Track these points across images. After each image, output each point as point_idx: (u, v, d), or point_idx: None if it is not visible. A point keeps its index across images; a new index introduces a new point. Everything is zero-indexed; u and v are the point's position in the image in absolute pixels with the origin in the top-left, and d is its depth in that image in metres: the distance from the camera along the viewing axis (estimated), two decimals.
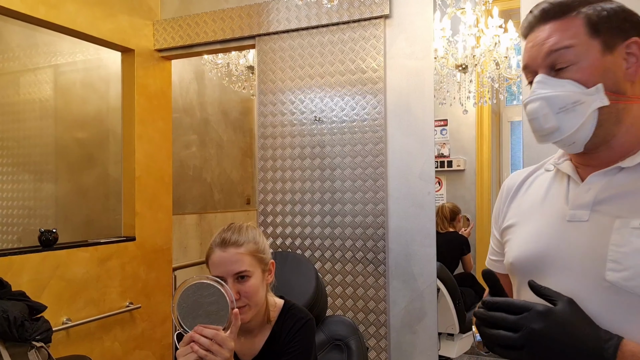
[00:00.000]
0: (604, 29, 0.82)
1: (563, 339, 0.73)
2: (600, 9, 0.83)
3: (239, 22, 2.68)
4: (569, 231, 0.85)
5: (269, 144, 2.62)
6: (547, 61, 0.85)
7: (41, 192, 3.09)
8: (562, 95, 0.82)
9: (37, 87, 3.08)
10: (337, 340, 1.67)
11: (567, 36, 0.82)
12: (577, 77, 0.82)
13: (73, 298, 2.45)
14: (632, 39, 0.82)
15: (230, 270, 1.29)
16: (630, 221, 0.77)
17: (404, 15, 2.34)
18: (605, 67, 0.81)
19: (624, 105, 0.82)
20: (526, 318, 0.75)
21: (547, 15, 0.85)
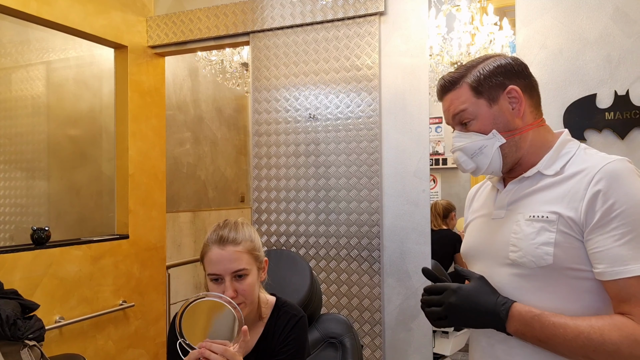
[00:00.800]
0: (484, 89, 1.09)
1: (471, 307, 1.03)
2: (478, 74, 1.10)
3: (233, 19, 2.66)
4: (492, 226, 1.15)
5: (263, 141, 2.61)
6: (454, 121, 1.14)
7: (33, 189, 3.07)
8: (470, 145, 1.10)
9: (29, 84, 3.05)
10: (332, 338, 1.67)
11: (460, 102, 1.11)
12: (476, 128, 1.10)
13: (66, 296, 2.44)
14: (509, 87, 1.09)
15: (229, 268, 1.28)
16: (525, 215, 1.06)
17: (399, 13, 2.34)
18: (494, 116, 1.09)
19: (520, 135, 1.10)
20: (444, 296, 1.06)
21: (443, 89, 1.15)
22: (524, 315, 0.98)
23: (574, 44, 2.01)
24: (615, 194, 0.96)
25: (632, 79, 1.92)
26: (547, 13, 2.05)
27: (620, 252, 0.94)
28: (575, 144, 1.11)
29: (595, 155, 1.05)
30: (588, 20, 1.99)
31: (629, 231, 0.94)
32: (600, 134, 1.95)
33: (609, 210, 0.95)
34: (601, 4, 1.97)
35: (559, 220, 1.00)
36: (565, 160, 1.07)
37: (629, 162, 1.01)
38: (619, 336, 0.91)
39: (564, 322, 0.96)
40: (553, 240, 0.99)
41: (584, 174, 1.01)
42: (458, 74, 1.13)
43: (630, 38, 1.92)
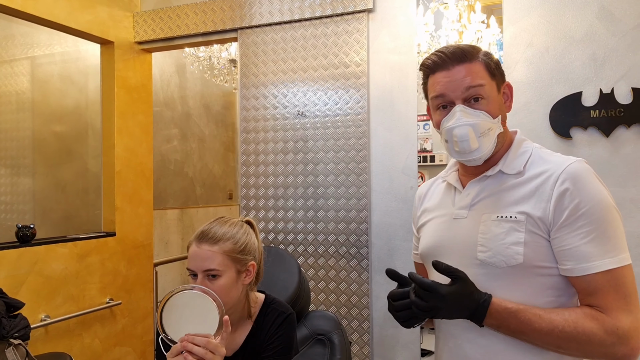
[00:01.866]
0: (496, 73, 1.11)
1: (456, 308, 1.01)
2: (488, 57, 1.10)
3: (221, 15, 2.65)
4: (454, 226, 1.15)
5: (251, 138, 2.60)
6: (465, 94, 1.07)
7: (18, 186, 3.03)
8: (481, 123, 1.06)
9: (14, 79, 3.01)
10: (320, 335, 1.67)
11: (479, 76, 1.08)
12: (487, 109, 1.07)
13: (52, 294, 2.41)
14: (506, 83, 1.14)
15: (200, 266, 1.28)
16: (491, 215, 1.07)
17: (387, 10, 2.34)
18: (500, 103, 1.11)
19: (504, 130, 1.12)
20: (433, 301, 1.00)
21: (456, 58, 1.08)
22: (501, 312, 1.01)
23: (560, 43, 2.03)
24: (580, 194, 1.00)
25: (616, 78, 1.94)
26: (534, 11, 2.06)
27: (586, 250, 0.99)
28: (530, 143, 1.14)
29: (553, 156, 1.09)
30: (574, 19, 2.01)
31: (594, 229, 0.99)
32: (586, 131, 1.98)
33: (575, 209, 1.00)
34: (587, 3, 1.99)
35: (527, 221, 1.03)
36: (524, 159, 1.09)
37: (585, 163, 1.05)
38: (590, 326, 0.97)
39: (538, 317, 1.00)
40: (522, 240, 1.03)
41: (547, 174, 1.04)
42: (470, 47, 1.10)
43: (615, 37, 1.95)
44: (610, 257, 0.99)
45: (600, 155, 1.96)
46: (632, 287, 0.99)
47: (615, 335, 0.96)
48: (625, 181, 1.92)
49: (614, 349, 0.97)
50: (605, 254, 0.99)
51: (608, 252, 0.99)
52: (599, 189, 1.02)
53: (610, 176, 1.94)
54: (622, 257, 1.00)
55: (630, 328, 0.96)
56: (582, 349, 0.98)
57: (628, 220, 1.90)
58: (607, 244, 0.99)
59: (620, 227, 1.02)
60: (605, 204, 1.01)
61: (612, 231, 1.00)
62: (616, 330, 0.96)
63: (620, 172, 1.92)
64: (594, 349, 0.98)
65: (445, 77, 1.09)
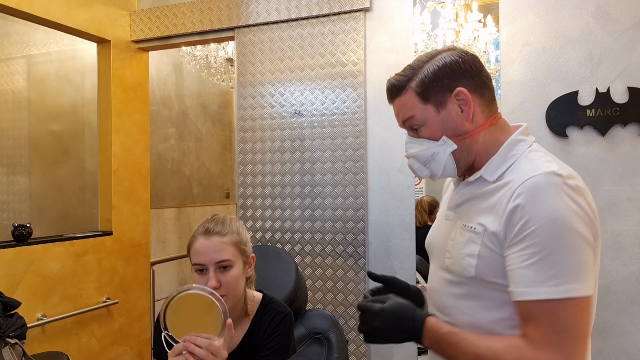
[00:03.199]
0: (431, 94, 1.04)
1: (393, 327, 1.01)
2: (423, 78, 1.04)
3: (218, 14, 2.64)
4: (442, 227, 1.14)
5: (248, 137, 2.60)
6: (405, 127, 1.10)
7: (14, 185, 3.02)
8: (422, 152, 1.06)
9: (10, 78, 3.00)
10: (318, 333, 1.68)
11: (407, 109, 1.06)
12: (427, 135, 1.06)
13: (48, 294, 2.41)
14: (457, 90, 1.03)
15: (213, 258, 1.28)
16: (462, 222, 1.04)
17: (384, 9, 2.34)
18: (442, 121, 1.04)
19: (471, 139, 1.05)
20: (367, 318, 1.03)
21: (391, 94, 1.10)
22: (434, 332, 0.99)
23: (556, 42, 2.03)
24: (531, 211, 0.91)
25: (612, 77, 1.95)
26: (531, 11, 2.07)
27: (525, 274, 0.91)
28: (526, 144, 1.05)
29: (529, 164, 0.99)
30: (570, 18, 2.01)
31: (537, 252, 0.90)
32: (582, 130, 1.98)
33: (523, 227, 0.91)
34: (583, 3, 2.00)
35: (485, 234, 0.97)
36: (509, 164, 1.02)
37: (557, 176, 0.93)
38: (511, 357, 0.91)
39: (466, 343, 0.96)
40: (477, 252, 0.98)
41: (510, 185, 0.97)
42: (403, 77, 1.07)
43: (611, 36, 1.95)
44: (551, 286, 0.88)
45: (596, 154, 1.96)
46: (572, 322, 0.89)
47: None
48: (622, 180, 1.92)
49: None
50: (545, 281, 0.89)
51: (549, 280, 0.88)
52: (557, 208, 0.90)
53: (607, 175, 1.94)
54: (568, 287, 0.88)
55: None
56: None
57: (624, 219, 1.91)
58: (550, 270, 0.89)
59: (576, 254, 0.89)
60: (560, 225, 0.89)
61: (560, 256, 0.89)
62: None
63: (617, 171, 1.93)
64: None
65: (393, 110, 1.12)
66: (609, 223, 1.93)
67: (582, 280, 0.89)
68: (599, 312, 1.92)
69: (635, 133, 1.92)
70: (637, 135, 1.91)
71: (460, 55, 1.05)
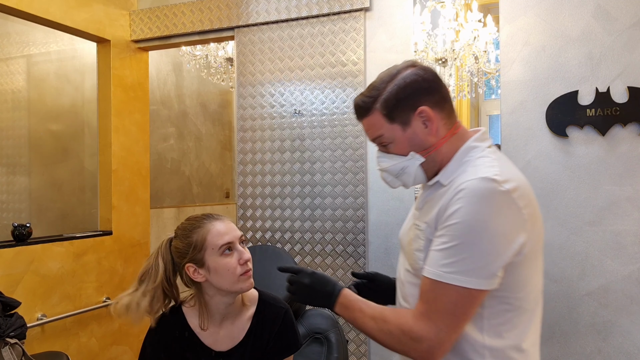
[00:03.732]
0: (396, 114, 1.11)
1: (318, 288, 1.19)
2: (387, 99, 1.11)
3: (218, 14, 2.64)
4: (409, 223, 1.24)
5: (248, 137, 2.59)
6: (375, 142, 1.18)
7: (14, 185, 3.02)
8: (393, 166, 1.16)
9: (10, 78, 3.00)
10: (317, 333, 1.68)
11: (375, 129, 1.14)
12: (396, 151, 1.15)
13: (48, 293, 2.41)
14: (420, 109, 1.10)
15: (237, 234, 1.34)
16: (415, 220, 1.17)
17: (384, 8, 2.34)
18: (409, 138, 1.12)
19: (435, 151, 1.14)
20: (300, 276, 1.21)
21: (358, 114, 1.17)
22: (346, 299, 1.16)
23: (556, 41, 2.03)
24: (458, 209, 1.02)
25: (612, 76, 1.95)
26: (531, 10, 2.07)
27: (433, 255, 1.04)
28: (478, 150, 1.13)
29: (473, 169, 1.07)
30: (570, 17, 2.01)
31: (448, 241, 1.02)
32: (582, 130, 1.98)
33: (446, 220, 1.03)
34: (583, 2, 1.99)
35: (427, 230, 1.09)
36: (461, 169, 1.10)
37: (490, 181, 1.01)
38: (395, 324, 1.07)
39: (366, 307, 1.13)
40: (422, 247, 1.10)
41: (452, 187, 1.07)
42: (368, 98, 1.14)
43: (611, 36, 1.95)
44: (444, 271, 1.01)
45: (596, 153, 1.96)
46: (451, 307, 1.01)
47: (408, 337, 1.05)
48: (621, 180, 1.92)
49: (406, 348, 1.06)
50: (443, 266, 1.01)
51: (446, 266, 1.01)
52: (479, 212, 1.00)
53: (607, 175, 1.94)
54: (458, 277, 1.00)
55: (424, 336, 1.03)
56: (388, 343, 1.10)
57: (624, 218, 1.91)
58: (451, 258, 1.01)
59: (482, 255, 1.00)
60: (476, 227, 1.00)
61: (467, 253, 1.00)
62: (410, 333, 1.04)
63: (617, 170, 1.93)
64: (395, 344, 1.08)
65: (363, 126, 1.20)
66: (608, 222, 1.93)
67: (473, 276, 1.00)
68: (599, 311, 1.92)
69: (635, 133, 1.92)
70: (637, 134, 1.91)
71: (420, 73, 1.12)
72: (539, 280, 1.12)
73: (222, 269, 1.30)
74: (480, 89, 3.92)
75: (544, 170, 2.02)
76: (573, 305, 1.98)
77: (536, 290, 1.11)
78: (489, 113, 5.36)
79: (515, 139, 2.07)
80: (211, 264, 1.31)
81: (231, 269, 1.29)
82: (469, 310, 1.03)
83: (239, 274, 1.30)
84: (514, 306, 1.07)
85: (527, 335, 1.10)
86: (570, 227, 1.98)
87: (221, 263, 1.30)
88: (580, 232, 1.97)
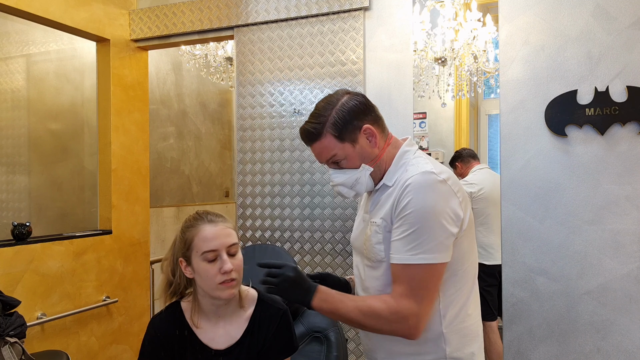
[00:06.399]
0: (344, 135, 1.30)
1: (298, 283, 1.28)
2: (336, 123, 1.29)
3: (217, 13, 2.64)
4: (361, 226, 1.42)
5: (248, 136, 2.60)
6: (327, 163, 1.36)
7: (14, 184, 3.02)
8: (348, 179, 1.34)
9: (9, 77, 2.99)
10: (317, 332, 1.68)
11: (329, 149, 1.32)
12: (348, 166, 1.33)
13: (48, 292, 2.41)
14: (363, 127, 1.31)
15: (225, 242, 1.31)
16: (372, 219, 1.34)
17: (383, 8, 2.34)
18: (359, 153, 1.32)
19: (379, 160, 1.34)
20: (285, 270, 1.28)
21: (309, 140, 1.34)
22: (323, 294, 1.28)
23: (555, 41, 2.03)
24: (408, 201, 1.22)
25: (611, 76, 1.95)
26: (530, 10, 2.07)
27: (396, 244, 1.24)
28: (411, 152, 1.35)
29: (413, 167, 1.29)
30: (569, 17, 2.01)
31: (406, 229, 1.22)
32: (581, 129, 1.99)
33: (401, 211, 1.23)
34: (582, 1, 2.00)
35: (383, 224, 1.28)
36: (401, 170, 1.31)
37: (430, 173, 1.23)
38: (380, 307, 1.23)
39: (347, 299, 1.28)
40: (381, 240, 1.29)
41: (399, 184, 1.27)
42: (317, 124, 1.31)
43: (610, 35, 1.95)
44: (410, 255, 1.21)
45: (595, 153, 1.97)
46: (423, 282, 1.21)
47: (396, 316, 1.21)
48: (621, 179, 1.93)
49: (395, 327, 1.22)
50: (408, 251, 1.21)
51: (410, 250, 1.21)
52: (426, 199, 1.21)
53: (606, 174, 1.95)
54: (425, 257, 1.20)
55: (409, 313, 1.20)
56: (375, 325, 1.24)
57: (623, 217, 1.91)
58: (413, 243, 1.20)
59: (437, 234, 1.20)
60: (427, 212, 1.21)
61: (425, 235, 1.20)
62: (397, 313, 1.21)
63: (616, 169, 1.93)
64: (383, 326, 1.23)
65: (312, 151, 1.36)
66: (607, 221, 1.94)
67: (435, 252, 1.21)
68: (598, 310, 1.93)
69: (634, 132, 1.92)
70: (636, 134, 1.92)
71: (357, 98, 1.33)
72: (475, 253, 1.37)
73: (203, 273, 1.30)
74: (480, 88, 3.92)
75: (543, 170, 2.03)
76: (572, 304, 1.98)
77: (475, 262, 1.36)
78: (488, 112, 5.37)
79: (515, 138, 2.07)
80: (195, 266, 1.32)
81: (210, 275, 1.29)
82: (437, 282, 1.24)
83: (218, 282, 1.29)
84: (459, 277, 1.30)
85: (471, 301, 1.33)
86: (569, 226, 1.99)
87: (202, 267, 1.30)
88: (579, 231, 1.97)
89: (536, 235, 2.02)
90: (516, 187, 2.06)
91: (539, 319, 2.02)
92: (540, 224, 2.02)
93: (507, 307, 2.07)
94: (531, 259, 2.03)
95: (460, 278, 1.30)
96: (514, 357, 2.05)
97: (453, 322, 1.29)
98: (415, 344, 1.29)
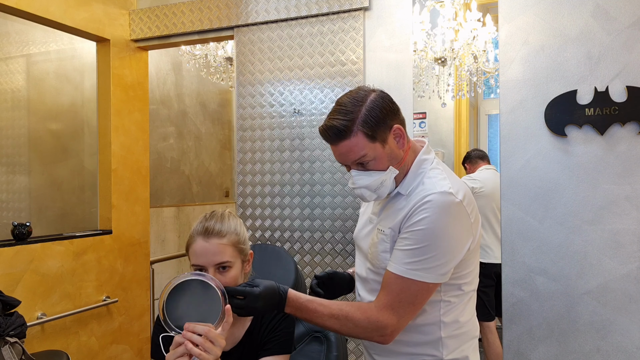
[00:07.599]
0: (376, 134, 1.24)
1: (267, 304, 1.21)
2: (369, 121, 1.22)
3: (217, 13, 2.64)
4: (368, 226, 1.42)
5: (247, 136, 2.60)
6: (353, 163, 1.28)
7: (14, 184, 3.02)
8: (373, 182, 1.27)
9: (9, 77, 3.00)
10: (317, 332, 1.68)
11: (360, 148, 1.24)
12: (376, 168, 1.27)
13: (48, 292, 2.41)
14: (394, 127, 1.27)
15: (212, 260, 1.28)
16: (378, 226, 1.33)
17: (383, 8, 2.34)
18: (387, 154, 1.27)
19: (403, 163, 1.31)
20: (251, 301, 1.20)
21: (337, 137, 1.25)
22: (295, 302, 1.25)
23: (555, 41, 2.04)
24: (423, 219, 1.21)
25: (611, 76, 1.95)
26: (530, 10, 2.07)
27: (398, 254, 1.24)
28: (428, 162, 1.32)
29: (429, 181, 1.27)
30: (569, 17, 2.01)
31: (412, 244, 1.21)
32: (581, 129, 1.99)
33: (411, 226, 1.22)
34: (582, 1, 2.00)
35: (391, 234, 1.27)
36: (417, 181, 1.29)
37: (447, 194, 1.21)
38: (359, 316, 1.24)
39: (321, 307, 1.25)
40: (388, 249, 1.28)
41: (414, 199, 1.24)
42: (347, 120, 1.23)
43: (610, 35, 1.96)
44: (408, 268, 1.21)
45: (595, 153, 1.97)
46: (412, 298, 1.22)
47: (374, 326, 1.22)
48: (620, 179, 1.93)
49: (372, 334, 1.24)
50: (407, 264, 1.21)
51: (410, 264, 1.21)
52: (440, 220, 1.20)
53: (605, 174, 1.95)
54: (422, 274, 1.20)
55: (388, 324, 1.22)
56: (352, 334, 1.26)
57: (623, 217, 1.91)
58: (415, 258, 1.20)
59: (441, 256, 1.20)
60: (438, 234, 1.20)
61: (429, 255, 1.20)
62: (376, 323, 1.22)
63: (615, 169, 1.94)
64: (359, 334, 1.25)
65: (336, 151, 1.29)
66: (607, 221, 1.94)
67: (433, 272, 1.21)
68: (598, 310, 1.93)
69: (634, 132, 1.92)
70: (635, 134, 1.92)
71: (386, 97, 1.28)
72: (478, 266, 1.37)
73: None
74: (479, 89, 3.92)
75: (542, 170, 2.03)
76: (572, 304, 1.98)
77: (476, 275, 1.37)
78: (487, 112, 5.37)
79: (514, 138, 2.07)
80: None
81: None
82: (425, 300, 1.25)
83: None
84: (463, 291, 1.32)
85: (466, 311, 1.35)
86: (569, 226, 1.99)
87: None
88: (579, 231, 1.97)
89: (536, 235, 2.03)
90: (516, 187, 2.06)
91: (539, 319, 2.02)
92: (540, 224, 2.02)
93: (507, 307, 2.07)
94: (531, 259, 2.03)
95: (462, 292, 1.33)
96: (513, 357, 2.05)
97: (452, 328, 1.33)
98: (415, 345, 1.33)
